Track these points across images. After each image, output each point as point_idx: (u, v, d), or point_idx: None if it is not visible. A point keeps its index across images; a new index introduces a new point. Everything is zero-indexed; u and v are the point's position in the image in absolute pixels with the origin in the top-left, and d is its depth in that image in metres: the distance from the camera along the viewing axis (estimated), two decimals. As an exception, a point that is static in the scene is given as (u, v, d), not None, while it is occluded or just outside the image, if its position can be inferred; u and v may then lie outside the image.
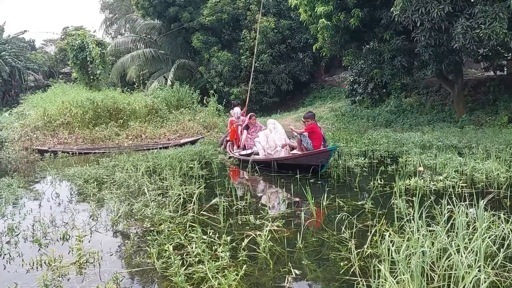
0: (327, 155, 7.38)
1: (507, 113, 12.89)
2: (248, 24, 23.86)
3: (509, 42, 9.72)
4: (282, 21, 23.70)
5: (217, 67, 23.85)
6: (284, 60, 24.19)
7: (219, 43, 24.61)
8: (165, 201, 5.81)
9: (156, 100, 16.83)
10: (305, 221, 4.56)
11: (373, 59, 14.43)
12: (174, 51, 27.89)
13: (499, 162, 7.12)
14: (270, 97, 24.05)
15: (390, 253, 3.28)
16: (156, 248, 4.01)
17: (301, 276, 3.48)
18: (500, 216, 4.09)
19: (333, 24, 13.07)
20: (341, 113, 19.41)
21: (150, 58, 26.53)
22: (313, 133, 7.90)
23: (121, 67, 26.65)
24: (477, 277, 2.79)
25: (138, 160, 9.25)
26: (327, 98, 24.33)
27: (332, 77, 27.41)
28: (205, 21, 23.61)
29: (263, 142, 8.78)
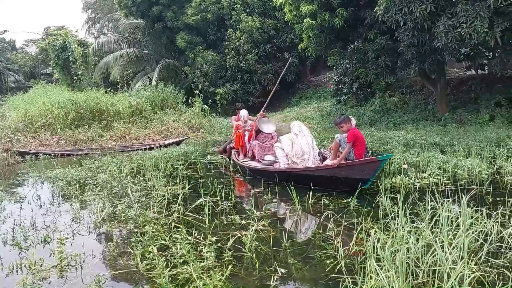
0: (375, 167, 5.63)
1: (489, 111, 13.10)
2: (233, 24, 23.81)
3: (490, 41, 9.86)
4: (267, 20, 23.71)
5: (202, 67, 23.75)
6: (270, 60, 24.21)
7: (204, 42, 24.50)
8: (149, 202, 5.74)
9: (140, 101, 16.66)
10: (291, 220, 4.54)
11: (357, 59, 14.50)
12: (159, 51, 27.67)
13: (480, 159, 7.23)
14: (256, 97, 24.03)
15: (376, 250, 3.28)
16: (140, 249, 3.94)
17: (287, 275, 3.46)
18: (483, 212, 4.14)
19: (318, 23, 13.11)
20: (326, 113, 19.50)
21: (134, 58, 26.27)
22: (356, 140, 6.14)
23: (104, 67, 26.33)
24: (461, 273, 2.81)
25: (122, 161, 9.11)
26: (313, 98, 24.42)
27: (318, 77, 27.53)
28: (190, 20, 23.47)
29: (287, 149, 7.12)
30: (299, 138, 7.06)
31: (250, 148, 8.59)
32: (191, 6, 23.69)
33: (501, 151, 7.90)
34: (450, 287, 2.69)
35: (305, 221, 4.90)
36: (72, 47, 23.74)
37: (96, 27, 41.36)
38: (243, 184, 7.58)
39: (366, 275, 3.03)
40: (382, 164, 5.67)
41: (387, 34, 12.46)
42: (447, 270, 2.90)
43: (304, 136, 7.11)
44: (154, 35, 26.49)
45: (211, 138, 14.85)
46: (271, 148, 8.12)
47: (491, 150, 8.16)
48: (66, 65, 24.06)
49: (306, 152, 6.90)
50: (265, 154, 8.16)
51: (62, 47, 23.80)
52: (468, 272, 2.85)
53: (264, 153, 8.21)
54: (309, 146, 7.00)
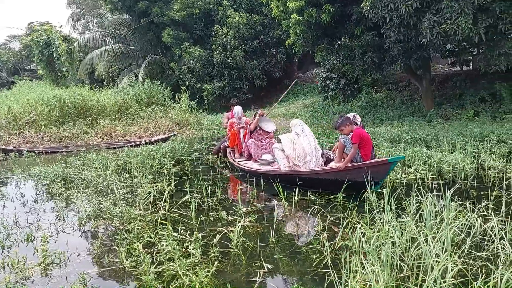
0: (385, 169, 5.26)
1: (473, 107, 13.28)
2: (220, 20, 23.69)
3: (474, 37, 9.98)
4: (254, 16, 23.63)
5: (189, 63, 23.59)
6: (257, 56, 24.15)
7: (191, 38, 24.34)
8: (135, 199, 5.69)
9: (126, 97, 16.52)
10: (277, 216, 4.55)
11: (344, 55, 14.55)
12: (145, 47, 27.41)
13: (464, 154, 7.33)
14: (244, 93, 23.97)
15: (361, 245, 3.31)
16: (125, 247, 3.91)
17: (274, 270, 3.46)
18: (467, 206, 4.20)
19: (305, 19, 13.11)
20: (314, 109, 19.55)
21: (120, 54, 25.96)
22: (362, 141, 5.75)
23: (89, 63, 25.98)
24: (444, 266, 2.84)
25: (107, 158, 9.03)
26: (300, 94, 24.46)
27: (305, 73, 27.56)
28: (176, 16, 23.29)
29: (289, 150, 6.54)
30: (301, 139, 6.56)
31: (246, 147, 8.21)
32: (177, 1, 23.50)
33: (485, 146, 8.01)
34: (433, 280, 2.72)
35: (292, 216, 4.91)
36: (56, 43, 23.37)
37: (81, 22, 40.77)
38: (231, 180, 7.56)
39: (352, 269, 3.04)
40: (392, 166, 5.31)
41: (373, 31, 12.52)
42: (430, 263, 2.93)
43: (306, 136, 6.61)
44: (140, 30, 26.22)
45: (198, 135, 14.80)
46: (268, 146, 7.84)
47: (475, 145, 8.28)
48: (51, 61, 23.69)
49: (308, 153, 6.42)
50: (262, 153, 7.80)
51: (46, 43, 23.42)
52: (452, 265, 2.88)
53: (261, 152, 7.83)
54: (311, 147, 6.50)
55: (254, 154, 7.88)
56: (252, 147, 7.96)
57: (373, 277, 2.82)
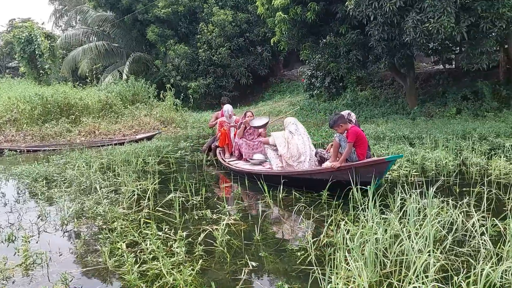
0: (382, 169, 5.07)
1: (455, 105, 13.47)
2: (205, 17, 23.57)
3: (456, 36, 10.12)
4: (239, 14, 23.56)
5: (174, 60, 23.42)
6: (243, 53, 24.10)
7: (176, 36, 24.16)
8: (118, 198, 5.63)
9: (110, 95, 16.31)
10: (262, 214, 4.55)
11: (329, 53, 14.60)
12: (129, 44, 27.11)
13: (447, 151, 7.43)
14: (230, 91, 23.90)
15: (345, 242, 3.32)
16: (108, 246, 3.87)
17: (258, 267, 3.46)
18: (449, 202, 4.26)
19: (290, 17, 13.12)
20: (299, 107, 19.58)
21: (103, 52, 25.64)
22: (358, 139, 5.58)
23: (72, 61, 25.59)
24: (427, 261, 2.87)
25: (91, 157, 8.92)
26: (286, 92, 24.49)
27: (291, 71, 27.62)
28: (161, 13, 23.08)
29: (283, 150, 6.34)
30: (295, 138, 6.34)
31: (237, 146, 7.97)
32: (162, -2, 23.30)
33: (466, 143, 8.14)
34: (416, 275, 2.75)
35: (277, 214, 4.91)
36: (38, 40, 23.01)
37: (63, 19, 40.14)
38: (216, 179, 7.53)
39: (336, 266, 3.06)
40: (389, 165, 5.09)
41: (358, 29, 12.59)
42: (413, 259, 2.96)
43: (300, 135, 6.41)
44: (124, 28, 25.92)
45: (183, 133, 14.71)
46: (259, 146, 7.58)
47: (458, 142, 8.40)
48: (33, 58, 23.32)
49: (302, 153, 6.22)
50: (254, 153, 7.54)
51: (28, 39, 23.04)
52: (434, 260, 2.92)
53: (253, 152, 7.58)
54: (305, 146, 6.31)
55: (245, 154, 7.66)
56: (243, 146, 7.73)
57: (356, 273, 2.84)
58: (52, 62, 24.02)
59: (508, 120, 11.11)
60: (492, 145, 8.31)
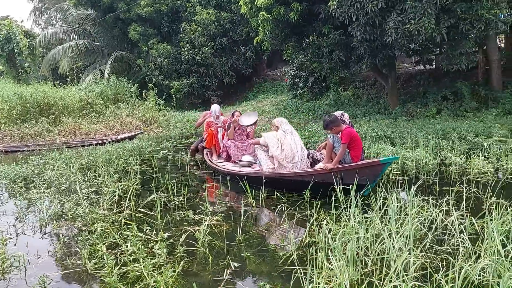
0: (377, 171, 4.89)
1: (436, 105, 13.68)
2: (188, 16, 23.42)
3: (437, 37, 10.28)
4: (223, 13, 23.48)
5: (156, 59, 23.20)
6: (226, 53, 24.03)
7: (158, 35, 23.94)
8: (99, 199, 5.54)
9: (91, 94, 16.07)
10: (244, 214, 4.53)
11: (312, 53, 14.66)
12: (110, 43, 26.76)
13: (427, 150, 7.54)
14: (213, 90, 23.79)
15: (327, 241, 3.34)
16: (88, 248, 3.80)
17: (240, 268, 3.44)
18: (429, 201, 4.32)
19: (273, 17, 13.13)
20: (283, 107, 19.64)
21: (84, 50, 25.24)
22: (352, 141, 5.36)
23: (52, 59, 25.13)
24: (407, 260, 2.90)
25: (71, 157, 8.76)
26: (269, 92, 24.51)
27: (274, 71, 27.66)
28: (143, 12, 22.84)
29: (276, 151, 6.03)
30: (288, 138, 6.15)
31: (225, 148, 7.76)
32: (144, -3, 23.06)
33: (446, 142, 8.28)
34: (396, 274, 2.78)
35: (259, 214, 4.90)
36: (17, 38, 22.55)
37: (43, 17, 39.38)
38: (200, 179, 7.49)
39: (318, 265, 3.07)
40: (385, 168, 4.89)
41: (340, 29, 12.68)
42: (394, 258, 2.99)
43: (292, 134, 6.26)
44: (106, 26, 25.57)
45: (166, 133, 14.58)
46: (248, 147, 7.41)
47: (437, 141, 8.53)
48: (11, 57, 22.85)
49: (296, 154, 6.04)
50: (242, 154, 7.36)
51: (6, 38, 22.56)
52: (414, 259, 2.95)
53: (241, 153, 7.39)
54: (297, 146, 6.12)
55: (234, 156, 7.44)
56: (232, 148, 7.51)
57: (338, 272, 2.85)
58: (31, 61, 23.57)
59: (487, 120, 11.34)
60: (471, 145, 8.46)
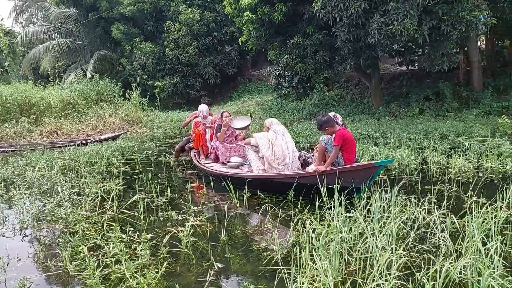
0: (370, 174, 4.75)
1: (418, 105, 13.87)
2: (172, 16, 23.27)
3: (419, 38, 10.41)
4: (207, 13, 23.40)
5: (140, 59, 23.00)
6: (211, 53, 23.96)
7: (142, 34, 23.74)
8: (81, 200, 5.46)
9: (74, 94, 15.84)
10: (228, 214, 4.51)
11: (297, 54, 14.71)
12: (93, 42, 26.42)
13: (409, 150, 7.64)
14: (197, 90, 23.72)
15: (311, 241, 3.34)
16: (69, 250, 3.74)
17: (224, 269, 3.43)
18: (412, 200, 4.36)
19: (258, 17, 13.13)
20: (268, 107, 19.67)
21: (66, 49, 24.88)
22: (346, 143, 5.20)
23: (33, 58, 24.71)
24: (389, 259, 2.93)
25: (52, 158, 8.63)
26: (254, 92, 24.53)
27: (259, 71, 27.67)
28: (126, 11, 22.63)
29: (267, 152, 5.89)
30: (279, 139, 6.02)
31: (213, 149, 7.59)
32: (127, -5, 22.84)
33: (428, 142, 8.39)
34: (379, 272, 2.80)
35: (243, 215, 4.89)
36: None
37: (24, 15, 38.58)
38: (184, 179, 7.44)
39: (302, 265, 3.07)
40: (379, 170, 4.76)
41: (324, 30, 12.75)
42: (377, 257, 3.01)
43: (284, 135, 6.12)
44: (88, 25, 25.23)
45: (149, 133, 14.47)
46: (237, 149, 7.26)
47: (420, 141, 8.65)
48: (-9, 55, 22.37)
49: (287, 155, 5.90)
50: (231, 155, 7.20)
51: (-15, 36, 22.08)
52: (396, 257, 2.98)
53: (230, 154, 7.23)
54: (288, 147, 5.99)
55: (222, 157, 7.28)
56: (220, 149, 7.34)
57: (322, 272, 2.86)
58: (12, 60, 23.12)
59: (468, 120, 11.54)
60: (452, 144, 8.60)
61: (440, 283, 2.63)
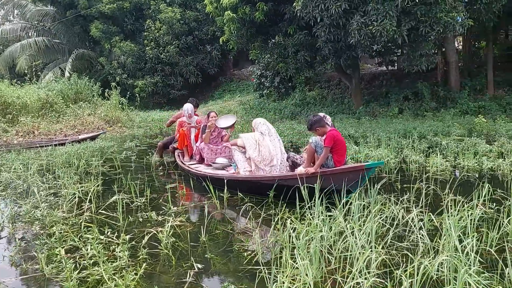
0: (360, 176, 4.64)
1: (398, 105, 14.07)
2: (152, 14, 23.05)
3: (398, 38, 10.56)
4: (188, 12, 23.25)
5: (119, 58, 22.71)
6: (192, 52, 23.80)
7: (121, 32, 23.44)
8: (58, 201, 5.35)
9: (51, 93, 15.49)
10: (208, 214, 4.48)
11: (278, 53, 14.75)
12: (71, 41, 25.95)
13: (389, 149, 7.73)
14: (178, 90, 23.55)
15: (291, 240, 3.35)
16: (46, 252, 3.66)
17: (204, 269, 3.40)
18: (391, 198, 4.42)
19: (239, 16, 13.11)
20: (249, 106, 19.67)
21: (44, 48, 24.37)
22: (336, 145, 5.07)
23: (9, 57, 24.13)
24: (369, 257, 2.95)
25: (29, 158, 8.44)
26: (236, 91, 24.49)
27: (241, 70, 27.63)
28: (105, 9, 22.31)
29: (254, 153, 5.76)
30: (266, 139, 5.86)
31: (198, 150, 7.40)
32: (106, -7, 22.52)
33: (407, 141, 8.52)
34: (359, 271, 2.82)
35: (224, 215, 4.87)
36: (-30, 34, 21.49)
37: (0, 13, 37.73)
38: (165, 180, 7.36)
39: (282, 264, 3.07)
40: (370, 172, 4.69)
41: (305, 30, 12.81)
42: (356, 255, 3.03)
43: (272, 136, 5.95)
44: (66, 23, 24.78)
45: (129, 132, 14.29)
46: (223, 150, 7.09)
47: (399, 140, 8.77)
48: (-36, 53, 21.73)
49: (275, 156, 5.74)
50: (216, 157, 7.02)
51: (-42, 33, 21.45)
52: (376, 255, 3.00)
53: (215, 156, 7.05)
54: (276, 148, 5.81)
55: (207, 159, 7.09)
56: (205, 151, 7.15)
57: (303, 271, 2.86)
58: (-14, 58, 22.51)
59: (445, 120, 11.75)
60: (430, 144, 8.75)
61: (418, 280, 2.66)
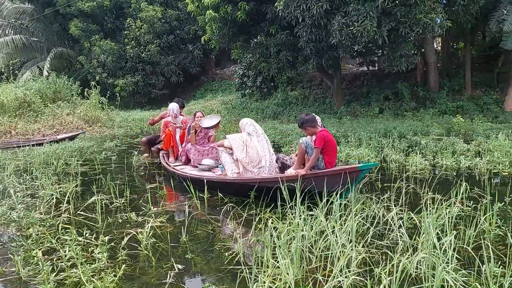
0: (353, 178, 4.52)
1: (378, 105, 14.25)
2: (133, 13, 22.79)
3: (378, 39, 10.69)
4: (169, 11, 23.06)
5: (99, 57, 22.37)
6: (173, 51, 23.62)
7: (101, 31, 23.11)
8: (35, 202, 5.23)
9: (29, 93, 15.14)
10: (189, 215, 4.45)
11: (260, 53, 14.76)
12: (50, 39, 25.46)
13: (369, 148, 7.82)
14: (159, 89, 23.33)
15: (273, 239, 3.34)
16: (22, 254, 3.57)
17: (185, 270, 3.37)
18: (372, 197, 4.46)
19: (221, 16, 13.06)
20: (232, 106, 19.63)
21: (21, 46, 23.84)
22: (327, 145, 4.98)
23: (-15, 55, 23.55)
24: (349, 255, 2.97)
25: (5, 159, 8.24)
26: (218, 91, 24.41)
27: (223, 70, 27.55)
28: (85, 7, 21.95)
29: (241, 154, 5.57)
30: (254, 140, 5.67)
31: (184, 151, 7.24)
32: (86, -9, 22.14)
33: (387, 141, 8.62)
34: (339, 269, 2.83)
35: (205, 215, 4.83)
36: None
37: (-26, 9, 36.78)
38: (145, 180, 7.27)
39: (263, 264, 3.06)
40: (362, 174, 4.55)
41: (287, 30, 12.85)
42: (337, 254, 3.05)
43: (259, 137, 5.73)
44: (45, 21, 24.29)
45: (109, 132, 14.09)
46: (210, 151, 6.90)
47: (379, 140, 8.87)
48: None
49: (263, 157, 5.56)
50: (203, 158, 6.85)
51: None
52: (356, 254, 3.02)
53: (202, 157, 6.86)
54: (264, 149, 5.61)
55: (193, 160, 6.91)
56: (192, 152, 6.97)
57: (284, 270, 2.86)
58: (-39, 56, 21.91)
59: (424, 119, 11.95)
60: (410, 143, 8.88)
61: (397, 278, 2.68)
